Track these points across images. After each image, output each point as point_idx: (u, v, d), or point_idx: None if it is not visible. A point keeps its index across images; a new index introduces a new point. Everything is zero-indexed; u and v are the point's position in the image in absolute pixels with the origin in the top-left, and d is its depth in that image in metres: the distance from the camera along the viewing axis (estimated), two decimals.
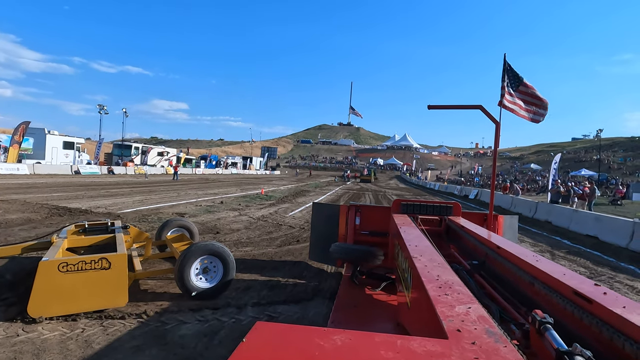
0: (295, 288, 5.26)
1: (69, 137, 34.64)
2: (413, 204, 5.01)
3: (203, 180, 32.48)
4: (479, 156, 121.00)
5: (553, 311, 1.91)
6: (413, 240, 2.95)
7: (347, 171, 67.47)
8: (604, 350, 1.55)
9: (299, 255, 7.13)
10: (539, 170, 67.77)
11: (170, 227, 6.46)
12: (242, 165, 67.42)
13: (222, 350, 3.36)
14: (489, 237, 3.46)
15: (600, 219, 12.08)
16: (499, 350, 1.16)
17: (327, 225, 5.93)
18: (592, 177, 43.03)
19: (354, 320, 3.37)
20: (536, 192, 40.60)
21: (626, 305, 1.61)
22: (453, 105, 5.71)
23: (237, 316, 4.15)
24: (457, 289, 1.79)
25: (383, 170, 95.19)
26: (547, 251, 9.40)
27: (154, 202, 14.25)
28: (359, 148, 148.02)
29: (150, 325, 3.78)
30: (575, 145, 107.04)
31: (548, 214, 15.49)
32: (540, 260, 2.47)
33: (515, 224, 6.26)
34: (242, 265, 6.01)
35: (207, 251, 4.55)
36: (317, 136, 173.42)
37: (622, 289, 6.32)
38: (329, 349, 1.08)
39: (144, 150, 43.88)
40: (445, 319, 1.41)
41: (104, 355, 3.19)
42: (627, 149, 79.80)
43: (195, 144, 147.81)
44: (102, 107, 48.23)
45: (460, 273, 2.76)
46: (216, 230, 9.15)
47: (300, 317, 4.28)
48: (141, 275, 4.77)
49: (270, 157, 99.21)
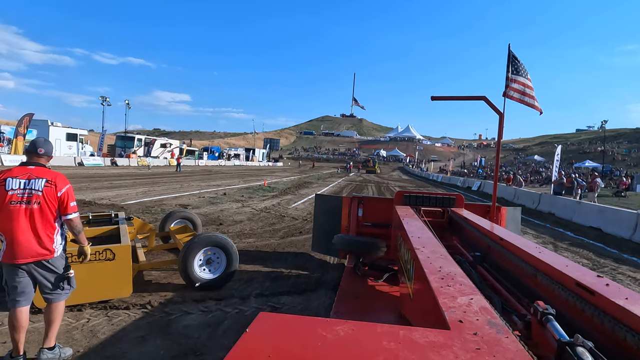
0: (298, 279, 5.29)
1: (72, 129, 34.65)
2: (416, 195, 5.00)
3: (206, 172, 32.52)
4: (482, 147, 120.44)
5: (555, 302, 1.92)
6: (415, 232, 2.95)
7: (349, 162, 67.29)
8: (605, 341, 1.55)
9: (301, 247, 7.16)
10: (543, 161, 67.37)
11: (173, 218, 6.49)
12: (244, 157, 67.32)
13: (225, 341, 3.40)
14: (491, 228, 3.46)
15: (603, 211, 12.03)
16: (501, 341, 1.16)
17: (329, 217, 5.94)
18: (596, 169, 42.80)
19: (356, 311, 3.39)
20: (539, 183, 40.45)
21: (628, 297, 1.61)
22: (456, 97, 5.67)
23: (241, 307, 4.19)
24: (460, 281, 1.79)
25: (386, 162, 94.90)
26: (550, 243, 9.40)
27: (157, 193, 14.30)
28: (361, 140, 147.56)
29: (155, 316, 3.82)
30: (579, 137, 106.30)
31: (551, 205, 15.44)
32: (543, 252, 2.47)
33: (518, 215, 6.25)
34: (245, 256, 6.04)
35: (210, 242, 4.58)
36: (320, 128, 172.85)
37: (625, 281, 6.32)
38: (332, 339, 1.09)
39: (147, 142, 43.88)
40: (447, 310, 1.41)
41: (109, 345, 3.23)
42: (631, 140, 79.17)
43: (198, 135, 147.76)
44: (104, 99, 48.13)
45: (463, 265, 2.77)
46: (219, 222, 9.19)
47: (303, 308, 4.31)
48: (145, 266, 4.81)
49: (272, 149, 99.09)
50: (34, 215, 2.77)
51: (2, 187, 2.73)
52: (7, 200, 2.72)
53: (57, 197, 2.85)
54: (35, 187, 2.78)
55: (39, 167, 2.89)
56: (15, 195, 2.74)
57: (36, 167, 2.87)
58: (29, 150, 2.95)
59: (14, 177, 2.77)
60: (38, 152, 2.92)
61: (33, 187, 2.78)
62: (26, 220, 2.76)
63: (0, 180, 2.76)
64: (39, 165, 2.91)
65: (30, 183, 2.78)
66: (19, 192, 2.75)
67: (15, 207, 2.73)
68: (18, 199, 2.74)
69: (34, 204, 2.77)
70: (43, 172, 2.87)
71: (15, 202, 2.73)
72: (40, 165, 2.91)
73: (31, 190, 2.77)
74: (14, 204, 2.73)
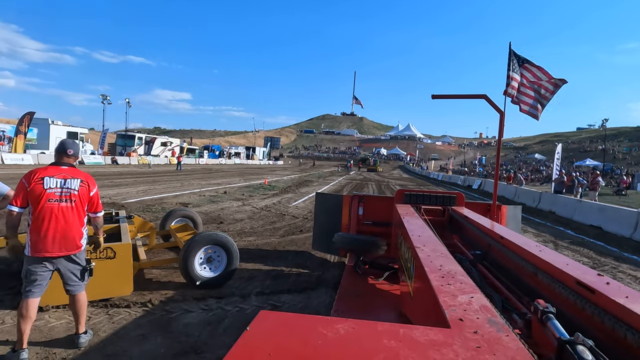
0: (298, 277, 5.29)
1: (72, 128, 34.69)
2: (416, 194, 5.00)
3: (206, 171, 32.53)
4: (483, 146, 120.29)
5: (556, 301, 1.92)
6: (416, 230, 2.95)
7: (350, 161, 67.22)
8: (605, 339, 1.55)
9: (302, 245, 7.17)
10: (543, 160, 67.32)
11: (174, 217, 6.50)
12: (245, 156, 67.33)
13: (226, 339, 3.41)
14: (492, 227, 3.45)
15: (604, 209, 12.02)
16: (501, 339, 1.16)
17: (330, 215, 5.94)
18: (597, 167, 42.75)
19: (357, 309, 3.39)
20: (540, 182, 40.42)
21: (629, 295, 1.60)
22: (457, 95, 5.66)
23: (241, 305, 4.20)
24: (460, 279, 1.79)
25: (386, 160, 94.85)
26: (551, 241, 9.40)
27: (158, 192, 14.31)
28: (362, 138, 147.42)
29: (155, 314, 3.83)
30: (580, 135, 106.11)
31: (552, 204, 15.43)
32: (543, 251, 2.47)
33: (519, 214, 6.24)
34: (246, 254, 6.04)
35: (211, 241, 4.58)
36: (321, 126, 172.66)
37: (626, 279, 6.32)
38: (332, 337, 1.09)
39: (148, 140, 43.88)
40: (447, 308, 1.41)
41: (110, 343, 3.24)
42: (632, 138, 79.04)
43: (199, 134, 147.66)
44: (105, 97, 48.16)
45: (463, 263, 2.77)
46: (220, 220, 9.20)
47: (304, 307, 4.31)
48: (146, 264, 4.82)
49: (273, 147, 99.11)
50: (69, 212, 3.00)
51: (41, 185, 2.92)
52: (45, 197, 2.92)
53: (89, 197, 3.13)
54: (72, 186, 3.03)
55: (71, 168, 3.12)
56: (53, 194, 2.95)
57: (69, 168, 3.10)
58: (58, 150, 3.14)
59: (50, 176, 2.97)
60: (67, 152, 3.11)
61: (70, 186, 3.02)
62: (62, 217, 2.97)
63: (38, 178, 2.93)
64: (70, 165, 3.13)
65: (67, 182, 3.01)
66: (56, 191, 2.96)
67: (54, 204, 2.94)
68: (56, 197, 2.96)
69: (70, 202, 3.01)
70: (76, 173, 3.10)
71: (53, 200, 2.94)
72: (72, 166, 3.14)
73: (68, 190, 3.01)
74: (51, 202, 2.93)
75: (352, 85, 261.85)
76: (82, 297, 3.18)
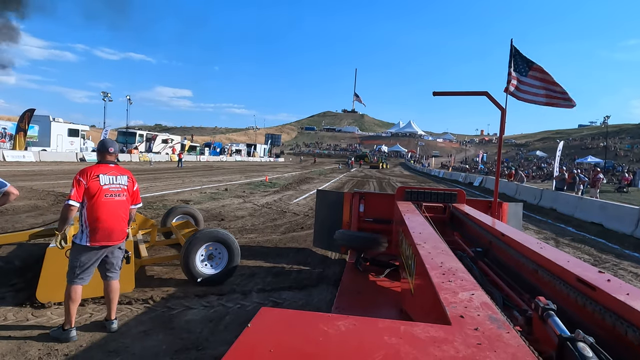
0: (299, 274, 5.30)
1: (73, 125, 34.69)
2: (417, 191, 4.99)
3: (207, 168, 32.54)
4: (484, 143, 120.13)
5: (556, 298, 1.91)
6: (417, 228, 2.95)
7: (351, 158, 67.17)
8: (606, 336, 1.55)
9: (303, 242, 7.17)
10: (545, 157, 67.23)
11: (175, 214, 6.51)
12: (246, 153, 67.31)
13: (227, 335, 3.42)
14: (493, 224, 3.45)
15: (605, 207, 12.01)
16: (502, 336, 1.17)
17: (331, 213, 5.94)
18: (598, 165, 42.67)
19: (357, 306, 3.40)
20: (541, 179, 40.36)
21: (630, 292, 1.60)
22: (458, 92, 5.63)
23: (242, 302, 4.20)
24: (461, 276, 1.79)
25: (387, 158, 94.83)
26: (552, 238, 9.39)
27: (159, 189, 14.33)
28: (363, 135, 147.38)
29: (157, 311, 3.84)
30: (581, 132, 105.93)
31: (553, 201, 15.41)
32: (544, 248, 2.47)
33: (520, 211, 6.24)
34: (247, 251, 6.05)
35: (212, 238, 4.59)
36: (321, 123, 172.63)
37: (627, 276, 6.32)
38: (333, 334, 1.09)
39: (149, 137, 43.90)
40: (448, 305, 1.41)
41: (112, 339, 3.25)
42: (634, 136, 78.85)
43: (199, 131, 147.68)
44: (106, 95, 48.11)
45: (464, 260, 2.76)
46: (221, 217, 9.21)
47: (305, 303, 4.32)
48: (147, 261, 4.83)
49: (274, 145, 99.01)
50: (121, 205, 3.35)
51: (97, 182, 3.22)
52: (102, 193, 3.22)
53: (133, 191, 3.50)
54: (123, 182, 3.38)
55: (117, 165, 3.41)
56: (108, 189, 3.27)
57: (115, 165, 3.40)
58: (100, 150, 3.40)
59: (104, 173, 3.27)
60: (109, 150, 3.38)
61: (121, 182, 3.36)
62: (117, 210, 3.31)
63: (94, 175, 3.22)
64: (115, 163, 3.42)
65: (118, 179, 3.35)
66: (111, 187, 3.28)
67: (110, 199, 3.26)
68: (112, 192, 3.28)
69: (122, 196, 3.36)
70: (122, 170, 3.44)
71: (109, 195, 3.26)
72: (116, 164, 3.43)
73: (120, 185, 3.35)
74: (108, 197, 3.25)
75: (354, 82, 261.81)
76: (118, 284, 3.45)
